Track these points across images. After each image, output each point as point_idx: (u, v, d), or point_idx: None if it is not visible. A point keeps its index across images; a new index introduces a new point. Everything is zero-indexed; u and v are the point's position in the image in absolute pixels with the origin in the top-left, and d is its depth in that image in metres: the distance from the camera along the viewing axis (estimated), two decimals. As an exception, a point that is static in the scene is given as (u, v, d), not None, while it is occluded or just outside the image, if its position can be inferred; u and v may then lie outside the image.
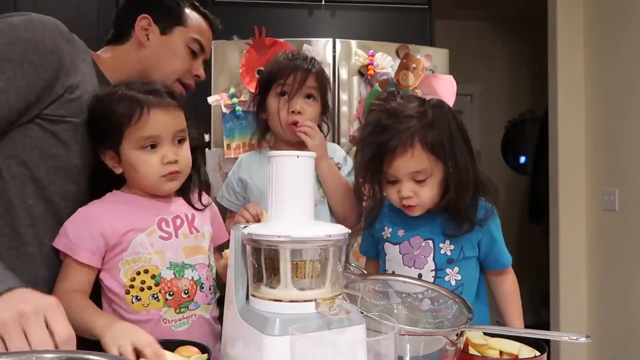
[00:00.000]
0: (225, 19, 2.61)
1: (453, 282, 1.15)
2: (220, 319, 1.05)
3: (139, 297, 1.04)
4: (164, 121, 1.04)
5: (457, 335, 0.86)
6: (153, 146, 1.05)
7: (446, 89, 1.98)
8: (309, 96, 1.38)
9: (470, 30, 4.32)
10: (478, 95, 4.48)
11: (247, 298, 0.83)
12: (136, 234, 1.04)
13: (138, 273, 1.04)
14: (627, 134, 2.56)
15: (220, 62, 2.20)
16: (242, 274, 0.84)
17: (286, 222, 0.81)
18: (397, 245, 1.18)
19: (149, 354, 0.81)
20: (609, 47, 2.71)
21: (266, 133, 1.48)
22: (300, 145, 1.38)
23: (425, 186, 1.10)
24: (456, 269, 1.15)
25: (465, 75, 2.82)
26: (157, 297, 1.04)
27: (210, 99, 2.13)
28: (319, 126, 1.44)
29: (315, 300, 0.76)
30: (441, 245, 1.16)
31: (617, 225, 2.63)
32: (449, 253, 1.15)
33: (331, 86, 1.52)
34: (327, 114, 1.46)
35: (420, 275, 1.14)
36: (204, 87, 2.25)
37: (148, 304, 1.04)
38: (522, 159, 4.50)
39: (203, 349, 0.88)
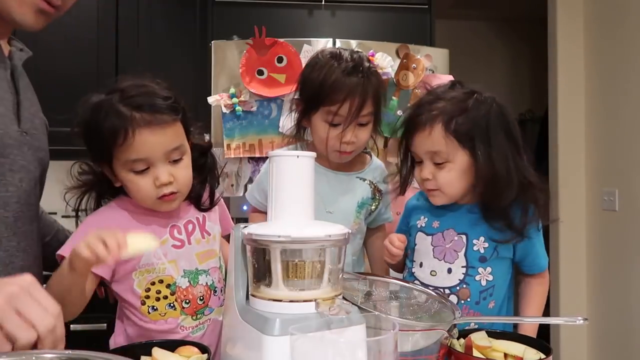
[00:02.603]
0: (225, 19, 2.63)
1: (484, 283, 1.11)
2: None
3: (155, 307, 1.02)
4: (152, 142, 0.95)
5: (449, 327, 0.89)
6: (145, 168, 0.97)
7: (441, 86, 1.98)
8: (362, 124, 1.23)
9: (470, 30, 4.32)
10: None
11: (247, 298, 0.83)
12: None
13: (153, 283, 1.02)
14: (627, 134, 2.56)
15: (220, 62, 2.20)
16: (242, 274, 0.84)
17: (286, 222, 0.81)
18: (430, 237, 1.16)
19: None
20: (609, 47, 2.70)
21: (303, 132, 1.34)
22: (339, 167, 1.30)
23: (444, 170, 1.09)
24: (489, 269, 1.11)
25: (465, 76, 2.82)
26: (174, 305, 1.03)
27: (210, 99, 2.13)
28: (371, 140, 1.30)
29: (315, 300, 0.76)
30: (474, 241, 1.12)
31: (617, 225, 2.63)
32: (482, 250, 1.12)
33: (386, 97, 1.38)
34: (379, 126, 1.31)
35: (450, 270, 1.12)
36: (204, 87, 2.26)
37: (165, 313, 1.02)
38: (522, 159, 4.50)
39: (203, 349, 0.88)
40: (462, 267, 1.12)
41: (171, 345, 0.88)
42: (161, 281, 1.02)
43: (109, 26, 2.49)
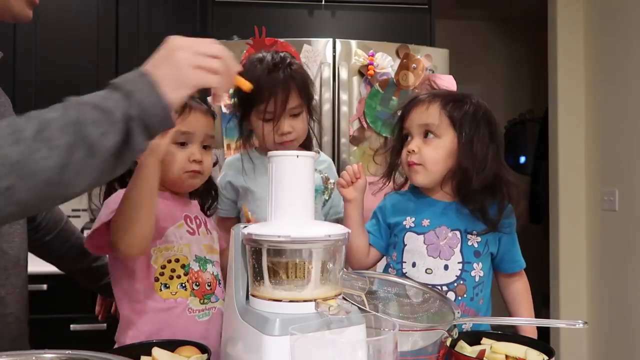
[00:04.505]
0: (225, 19, 2.63)
1: (477, 278, 1.13)
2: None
3: (167, 285, 1.06)
4: (200, 122, 1.12)
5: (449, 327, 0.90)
6: (183, 144, 1.10)
7: (446, 89, 1.98)
8: (294, 115, 1.32)
9: (470, 30, 4.32)
10: (478, 95, 4.48)
11: (247, 298, 0.83)
12: (169, 225, 1.08)
13: (169, 261, 1.07)
14: (627, 134, 2.56)
15: (220, 62, 2.20)
16: (242, 274, 0.84)
17: (286, 222, 0.81)
18: (422, 235, 1.15)
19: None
20: (609, 47, 2.71)
21: (251, 136, 1.43)
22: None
23: (431, 145, 1.14)
24: (480, 264, 1.14)
25: (465, 76, 2.82)
26: (185, 286, 1.07)
27: (210, 99, 2.13)
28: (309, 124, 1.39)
29: (315, 300, 0.76)
30: (469, 236, 1.14)
31: (617, 225, 2.64)
32: (476, 245, 1.14)
33: (312, 80, 1.42)
34: (314, 113, 1.40)
35: (446, 267, 1.13)
36: (204, 87, 2.25)
37: (176, 292, 1.06)
38: (522, 159, 4.50)
39: (203, 349, 0.89)
40: (459, 262, 1.13)
41: (171, 345, 0.89)
42: (177, 260, 1.07)
43: (109, 26, 2.49)
